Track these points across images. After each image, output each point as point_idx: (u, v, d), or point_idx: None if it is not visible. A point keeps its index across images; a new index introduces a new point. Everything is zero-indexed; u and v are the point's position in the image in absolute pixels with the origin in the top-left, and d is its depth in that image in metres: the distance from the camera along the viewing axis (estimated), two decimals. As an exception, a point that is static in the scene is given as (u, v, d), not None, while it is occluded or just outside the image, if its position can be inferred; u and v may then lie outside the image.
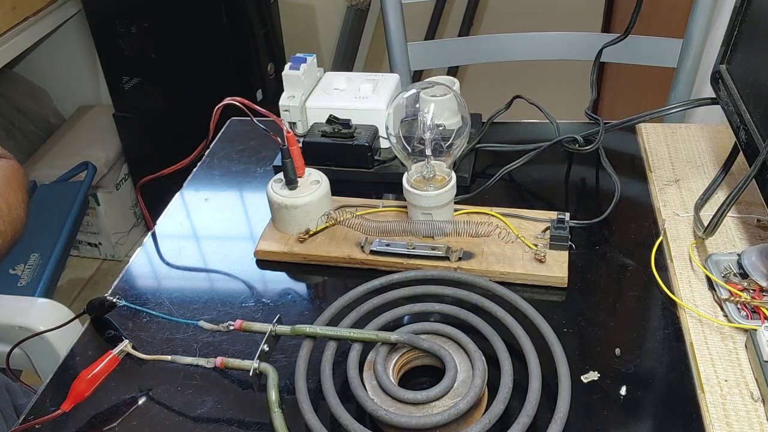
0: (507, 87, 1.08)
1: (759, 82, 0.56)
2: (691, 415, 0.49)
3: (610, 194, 0.68)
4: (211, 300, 0.63)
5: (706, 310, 0.56)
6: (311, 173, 0.68)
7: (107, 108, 1.99)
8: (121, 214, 2.02)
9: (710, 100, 0.67)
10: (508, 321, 0.53)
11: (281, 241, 0.67)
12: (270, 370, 0.51)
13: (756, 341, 0.50)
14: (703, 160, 0.73)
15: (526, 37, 1.10)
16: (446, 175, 0.64)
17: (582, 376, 0.52)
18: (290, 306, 0.62)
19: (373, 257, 0.64)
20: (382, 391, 0.48)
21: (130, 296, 0.64)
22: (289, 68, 0.78)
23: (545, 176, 0.75)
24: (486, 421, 0.46)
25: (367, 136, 0.74)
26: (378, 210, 0.69)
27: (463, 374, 0.49)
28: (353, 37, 2.06)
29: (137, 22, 1.74)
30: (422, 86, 0.67)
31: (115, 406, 0.54)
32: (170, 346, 0.58)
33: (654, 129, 0.79)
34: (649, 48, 1.02)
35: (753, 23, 0.59)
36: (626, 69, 1.64)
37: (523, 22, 2.01)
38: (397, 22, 1.07)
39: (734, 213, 0.65)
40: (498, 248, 0.63)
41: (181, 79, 1.81)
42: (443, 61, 1.16)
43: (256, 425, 0.51)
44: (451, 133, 0.64)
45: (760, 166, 0.52)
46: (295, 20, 2.11)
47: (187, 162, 0.72)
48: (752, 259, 0.56)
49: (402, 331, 0.52)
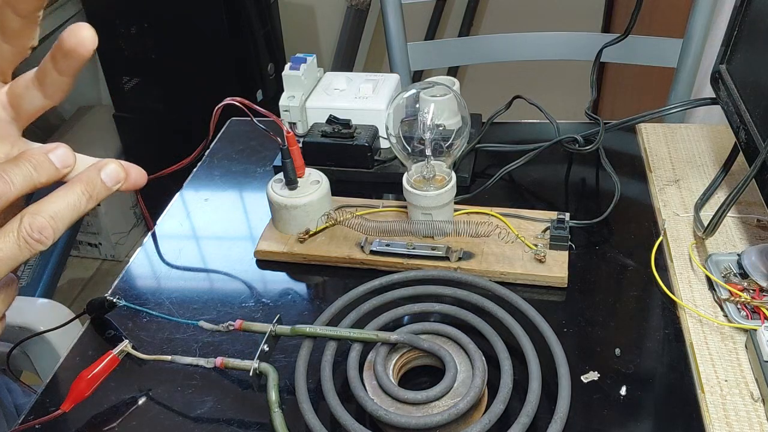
0: (507, 87, 1.08)
1: (759, 82, 0.56)
2: (691, 415, 0.49)
3: (610, 194, 0.68)
4: (211, 300, 0.63)
5: (706, 310, 0.56)
6: (311, 173, 0.68)
7: (107, 108, 1.99)
8: (121, 214, 2.02)
9: (710, 100, 0.67)
10: (508, 321, 0.53)
11: (281, 241, 0.67)
12: (270, 370, 0.51)
13: (756, 341, 0.50)
14: (703, 160, 0.73)
15: (526, 37, 1.10)
16: (446, 175, 0.64)
17: (582, 376, 0.52)
18: (290, 306, 0.62)
19: (373, 257, 0.64)
20: (382, 391, 0.48)
21: (130, 296, 0.64)
22: (289, 68, 0.78)
23: (545, 176, 0.75)
24: (486, 421, 0.46)
25: (367, 136, 0.74)
26: (378, 210, 0.69)
27: (463, 374, 0.49)
28: (353, 37, 2.06)
29: (137, 22, 1.74)
30: (422, 86, 0.67)
31: (115, 406, 0.54)
32: (170, 346, 0.58)
33: (654, 129, 0.79)
34: (649, 48, 1.02)
35: (753, 23, 0.59)
36: (626, 69, 1.64)
37: (523, 22, 2.01)
38: (397, 22, 1.07)
39: (734, 213, 0.65)
40: (498, 248, 0.63)
41: (181, 79, 1.81)
42: (443, 61, 1.16)
43: (256, 425, 0.51)
44: (451, 133, 0.64)
45: (760, 166, 0.52)
46: (295, 20, 2.11)
47: (187, 162, 0.72)
48: (752, 259, 0.56)
49: (402, 331, 0.52)
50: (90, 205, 0.37)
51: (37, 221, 0.35)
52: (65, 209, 0.36)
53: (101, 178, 0.37)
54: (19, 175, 0.35)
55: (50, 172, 0.37)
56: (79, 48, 0.36)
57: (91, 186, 0.37)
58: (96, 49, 0.36)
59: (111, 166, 0.38)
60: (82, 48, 0.36)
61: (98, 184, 0.37)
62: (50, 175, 0.37)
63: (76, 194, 0.37)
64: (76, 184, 0.37)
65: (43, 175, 0.36)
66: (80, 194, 0.37)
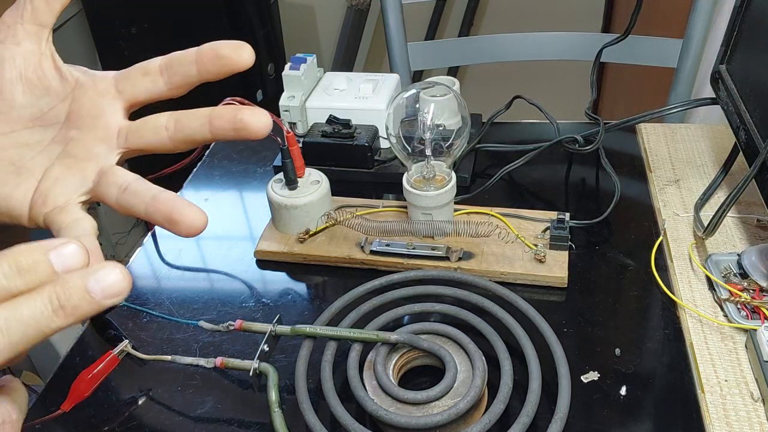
0: (507, 87, 1.08)
1: (759, 82, 0.56)
2: (691, 415, 0.49)
3: (610, 194, 0.68)
4: (211, 300, 0.63)
5: (706, 310, 0.56)
6: (311, 173, 0.68)
7: (107, 108, 1.98)
8: (121, 214, 2.02)
9: (710, 100, 0.67)
10: (508, 321, 0.53)
11: (281, 241, 0.67)
12: (270, 370, 0.51)
13: (756, 341, 0.50)
14: (703, 160, 0.73)
15: (526, 37, 1.10)
16: (446, 176, 0.64)
17: (582, 376, 0.52)
18: (290, 306, 0.62)
19: (373, 257, 0.64)
20: (382, 391, 0.48)
21: (130, 296, 0.64)
22: (289, 68, 0.78)
23: (545, 176, 0.75)
24: (486, 421, 0.46)
25: (367, 136, 0.74)
26: (378, 210, 0.69)
27: (463, 374, 0.49)
28: (353, 37, 2.06)
29: (137, 22, 1.74)
30: (422, 86, 0.67)
31: (115, 406, 0.54)
32: (170, 346, 0.58)
33: (654, 129, 0.79)
34: (649, 48, 1.02)
35: (753, 23, 0.59)
36: (626, 69, 1.64)
37: (523, 22, 2.01)
38: (397, 22, 1.07)
39: (734, 213, 0.65)
40: (498, 248, 0.63)
41: (181, 79, 1.81)
42: (443, 61, 1.16)
43: (256, 425, 0.51)
44: (451, 133, 0.64)
45: (760, 166, 0.52)
46: (295, 20, 2.11)
47: (187, 162, 0.72)
48: (752, 259, 0.56)
49: (402, 331, 0.52)
50: (60, 322, 0.26)
51: None
52: (15, 322, 0.25)
53: (86, 287, 0.26)
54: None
55: (41, 278, 0.26)
56: (239, 61, 0.34)
57: (65, 294, 0.25)
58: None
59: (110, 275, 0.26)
60: (241, 61, 0.34)
61: (78, 293, 0.25)
62: (40, 280, 0.26)
63: (38, 303, 0.25)
64: (44, 287, 0.26)
65: (29, 279, 0.26)
66: (45, 303, 0.25)
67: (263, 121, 0.34)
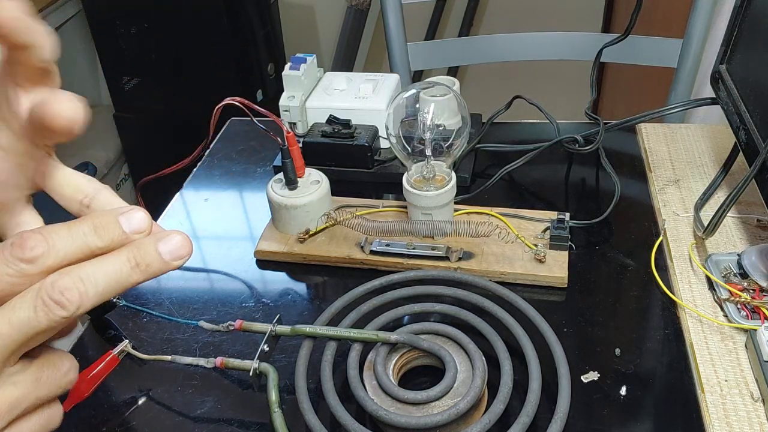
0: (507, 87, 1.08)
1: (759, 82, 0.56)
2: (691, 415, 0.49)
3: (610, 194, 0.68)
4: (211, 300, 0.63)
5: (706, 310, 0.56)
6: (311, 173, 0.68)
7: (107, 108, 1.99)
8: (121, 214, 2.01)
9: (710, 100, 0.67)
10: (508, 321, 0.53)
11: (281, 241, 0.67)
12: (270, 370, 0.51)
13: (756, 341, 0.50)
14: (703, 160, 0.73)
15: (526, 37, 1.10)
16: (446, 175, 0.64)
17: (582, 376, 0.52)
18: (290, 306, 0.62)
19: (373, 257, 0.64)
20: (382, 391, 0.48)
21: (130, 296, 0.64)
22: (289, 68, 0.78)
23: (545, 176, 0.75)
24: (486, 421, 0.46)
25: (367, 136, 0.74)
26: (378, 210, 0.69)
27: (463, 374, 0.49)
28: (353, 37, 2.06)
29: (137, 22, 1.74)
30: (422, 86, 0.67)
31: (115, 406, 0.54)
32: (170, 346, 0.58)
33: (654, 129, 0.79)
34: (649, 48, 1.02)
35: (753, 23, 0.59)
36: (626, 69, 1.64)
37: (523, 22, 2.01)
38: (397, 22, 1.07)
39: (734, 213, 0.65)
40: (498, 248, 0.63)
41: (181, 79, 1.81)
42: (443, 61, 1.16)
43: (256, 425, 0.51)
44: (451, 133, 0.64)
45: (760, 166, 0.52)
46: (295, 20, 2.12)
47: (187, 162, 0.72)
48: (752, 259, 0.56)
49: (402, 331, 0.52)
50: (136, 277, 0.30)
51: (61, 281, 0.29)
52: (101, 274, 0.29)
53: (157, 249, 0.31)
54: (66, 237, 0.29)
55: (114, 237, 0.30)
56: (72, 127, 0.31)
57: (141, 254, 0.31)
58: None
59: (175, 239, 0.31)
60: (75, 127, 0.31)
61: (151, 253, 0.31)
62: (113, 239, 0.30)
63: (119, 260, 0.30)
64: (123, 249, 0.31)
65: (104, 238, 0.30)
66: (124, 261, 0.30)
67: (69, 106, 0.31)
